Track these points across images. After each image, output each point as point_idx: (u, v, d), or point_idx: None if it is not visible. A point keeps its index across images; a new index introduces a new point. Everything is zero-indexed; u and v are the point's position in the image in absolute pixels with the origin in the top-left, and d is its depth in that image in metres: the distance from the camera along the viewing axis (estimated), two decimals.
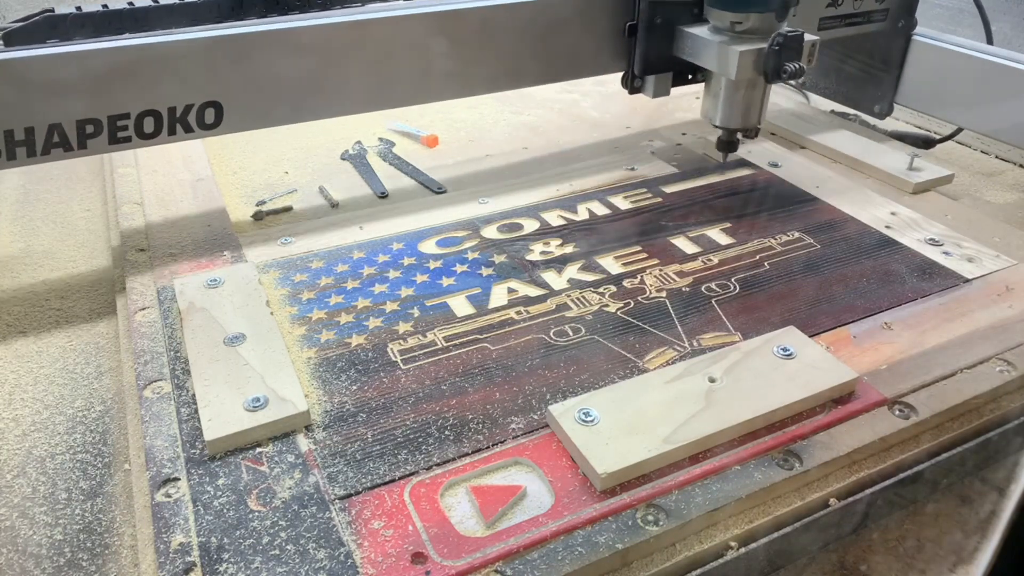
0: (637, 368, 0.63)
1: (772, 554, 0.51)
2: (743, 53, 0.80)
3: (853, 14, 1.01)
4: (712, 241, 0.80)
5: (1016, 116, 0.93)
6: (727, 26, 0.83)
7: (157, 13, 0.81)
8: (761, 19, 0.81)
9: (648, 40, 0.89)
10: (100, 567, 0.51)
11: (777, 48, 0.79)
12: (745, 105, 0.86)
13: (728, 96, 0.86)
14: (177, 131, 0.75)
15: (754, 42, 0.81)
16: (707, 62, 0.85)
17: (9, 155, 0.70)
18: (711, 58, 0.84)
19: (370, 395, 0.60)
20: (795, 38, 0.79)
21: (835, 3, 0.99)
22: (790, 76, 0.79)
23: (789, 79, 0.79)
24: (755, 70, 0.81)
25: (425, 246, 0.80)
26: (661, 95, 0.93)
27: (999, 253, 0.78)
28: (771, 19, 0.81)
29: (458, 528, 0.49)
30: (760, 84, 0.84)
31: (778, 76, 0.80)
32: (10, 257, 0.85)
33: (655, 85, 0.92)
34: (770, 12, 0.80)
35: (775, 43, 0.79)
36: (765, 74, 0.81)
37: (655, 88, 0.92)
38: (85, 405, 0.65)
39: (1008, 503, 0.37)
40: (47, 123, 0.70)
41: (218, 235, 0.81)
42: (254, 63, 0.76)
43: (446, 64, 0.85)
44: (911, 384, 0.60)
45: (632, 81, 0.92)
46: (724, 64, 0.82)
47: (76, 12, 0.77)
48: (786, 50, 0.79)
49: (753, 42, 0.81)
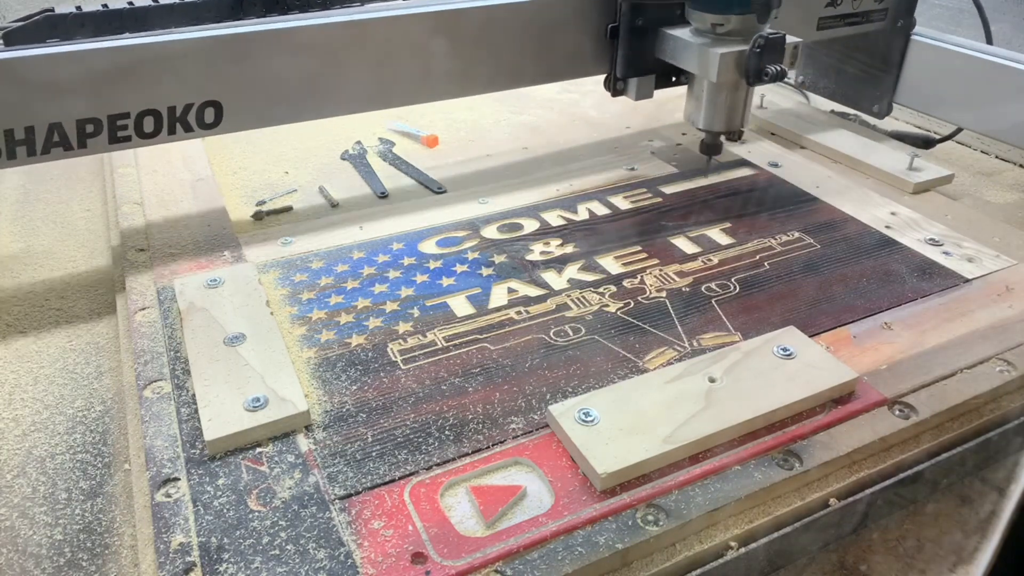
0: (637, 368, 0.62)
1: (772, 554, 0.51)
2: (724, 55, 0.79)
3: (852, 14, 1.01)
4: (712, 241, 0.80)
5: (1016, 116, 0.93)
6: (708, 28, 0.82)
7: (157, 13, 0.81)
8: (742, 21, 0.80)
9: (629, 42, 0.88)
10: (100, 567, 0.51)
11: (758, 50, 0.78)
12: (728, 108, 0.86)
13: (711, 99, 0.85)
14: (177, 131, 0.76)
15: (735, 44, 0.80)
16: (688, 64, 0.84)
17: (9, 154, 0.70)
18: (692, 60, 0.83)
19: (370, 395, 0.60)
20: (776, 40, 0.78)
21: (834, 3, 0.99)
22: (772, 78, 0.78)
23: (771, 81, 0.79)
24: (737, 72, 0.80)
25: (425, 246, 0.80)
26: (644, 97, 0.92)
27: (999, 253, 0.78)
28: (752, 21, 0.80)
29: (458, 528, 0.49)
30: (743, 86, 0.83)
31: (760, 78, 0.79)
32: (10, 257, 0.85)
33: (638, 87, 0.91)
34: (751, 14, 0.79)
35: (756, 45, 0.78)
36: (747, 76, 0.80)
37: (637, 90, 0.92)
38: (85, 405, 0.65)
39: (1008, 503, 0.37)
40: (47, 122, 0.70)
41: (218, 235, 0.81)
42: (254, 63, 0.76)
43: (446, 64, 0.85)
44: (911, 384, 0.60)
45: (614, 83, 0.92)
46: (705, 66, 0.81)
47: (76, 12, 0.77)
48: (767, 52, 0.78)
49: (734, 44, 0.80)
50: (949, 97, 1.00)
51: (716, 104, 0.85)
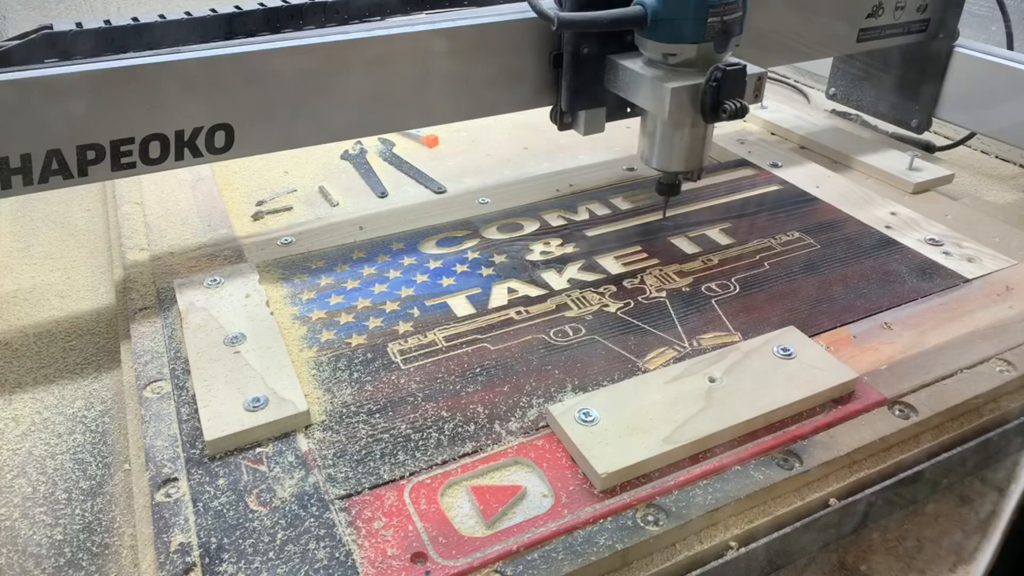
0: (637, 368, 0.62)
1: (772, 554, 0.51)
2: (676, 90, 0.68)
3: (893, 25, 0.98)
4: (712, 241, 0.80)
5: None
6: (660, 58, 0.71)
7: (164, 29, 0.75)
8: (698, 50, 0.68)
9: (575, 72, 0.77)
10: (100, 567, 0.51)
11: (715, 84, 0.67)
12: (687, 146, 0.74)
13: (665, 136, 0.75)
14: (185, 156, 0.70)
15: (691, 77, 0.69)
16: (639, 98, 0.74)
17: (4, 184, 0.64)
18: (643, 94, 0.73)
19: (370, 395, 0.60)
20: (735, 72, 0.67)
21: (875, 14, 0.96)
22: (731, 115, 0.67)
23: (730, 119, 0.68)
24: (692, 108, 0.69)
25: (425, 246, 0.80)
26: (594, 132, 0.82)
27: (999, 253, 0.78)
28: (709, 50, 0.68)
29: (458, 528, 0.49)
30: (701, 123, 0.72)
31: (716, 116, 0.68)
32: (10, 257, 0.85)
33: (586, 121, 0.81)
34: (707, 43, 0.68)
35: (712, 78, 0.67)
36: (703, 113, 0.69)
37: (586, 125, 0.81)
38: (85, 405, 0.65)
39: (1008, 503, 0.37)
40: (45, 149, 0.65)
41: (218, 235, 0.81)
42: (266, 82, 0.71)
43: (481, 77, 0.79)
44: (911, 384, 0.60)
45: (561, 117, 0.81)
46: (657, 102, 0.70)
47: (76, 29, 0.72)
48: (726, 86, 0.67)
49: (689, 77, 0.69)
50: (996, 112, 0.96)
51: (672, 142, 0.74)
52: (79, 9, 1.40)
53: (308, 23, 0.82)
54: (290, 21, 0.82)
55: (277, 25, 0.81)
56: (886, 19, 0.98)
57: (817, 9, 0.94)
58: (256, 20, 0.80)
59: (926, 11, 1.00)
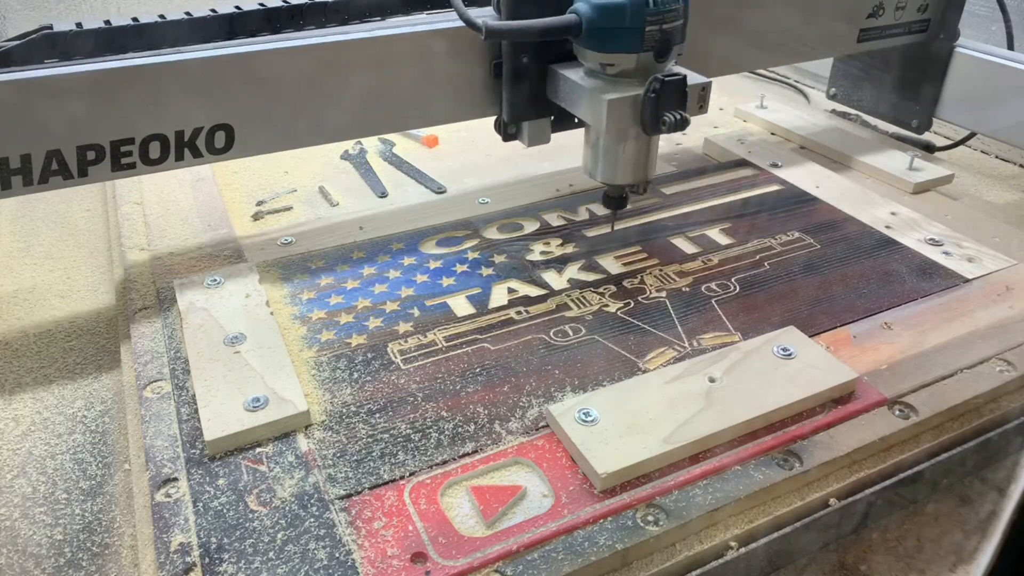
0: (637, 368, 0.62)
1: (772, 554, 0.51)
2: (613, 102, 0.65)
3: (894, 25, 0.98)
4: (712, 241, 0.80)
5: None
6: (599, 68, 0.68)
7: (164, 29, 0.75)
8: (636, 60, 0.66)
9: (516, 81, 0.75)
10: (100, 567, 0.51)
11: (653, 95, 0.64)
12: (632, 158, 0.71)
13: (608, 148, 0.71)
14: (185, 156, 0.70)
15: (630, 88, 0.66)
16: (578, 110, 0.71)
17: (4, 184, 0.64)
18: (582, 105, 0.70)
19: (370, 395, 0.60)
20: (674, 83, 0.64)
21: (876, 14, 0.96)
22: (671, 128, 0.64)
23: (670, 131, 0.65)
24: (632, 120, 0.67)
25: (425, 246, 0.80)
26: (539, 143, 0.79)
27: (999, 253, 0.78)
28: (650, 60, 0.66)
29: (458, 528, 0.49)
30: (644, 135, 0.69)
31: (656, 128, 0.65)
32: (10, 257, 0.85)
33: (530, 132, 0.78)
34: (646, 52, 0.65)
35: (651, 89, 0.64)
36: (643, 125, 0.67)
37: (530, 136, 0.78)
38: (85, 405, 0.65)
39: (1008, 503, 0.37)
40: (45, 149, 0.64)
41: (218, 235, 0.81)
42: (268, 82, 0.70)
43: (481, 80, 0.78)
44: (911, 384, 0.60)
45: (504, 127, 0.78)
46: (595, 114, 0.68)
47: (76, 29, 0.72)
48: (664, 97, 0.64)
49: (628, 88, 0.66)
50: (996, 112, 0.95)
51: (616, 154, 0.71)
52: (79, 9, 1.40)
53: (308, 23, 0.82)
54: (290, 21, 0.82)
55: (277, 25, 0.81)
56: (886, 19, 0.98)
57: (817, 9, 0.94)
58: (256, 20, 0.80)
59: (926, 11, 1.00)
